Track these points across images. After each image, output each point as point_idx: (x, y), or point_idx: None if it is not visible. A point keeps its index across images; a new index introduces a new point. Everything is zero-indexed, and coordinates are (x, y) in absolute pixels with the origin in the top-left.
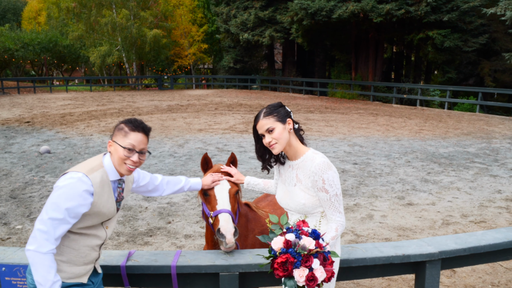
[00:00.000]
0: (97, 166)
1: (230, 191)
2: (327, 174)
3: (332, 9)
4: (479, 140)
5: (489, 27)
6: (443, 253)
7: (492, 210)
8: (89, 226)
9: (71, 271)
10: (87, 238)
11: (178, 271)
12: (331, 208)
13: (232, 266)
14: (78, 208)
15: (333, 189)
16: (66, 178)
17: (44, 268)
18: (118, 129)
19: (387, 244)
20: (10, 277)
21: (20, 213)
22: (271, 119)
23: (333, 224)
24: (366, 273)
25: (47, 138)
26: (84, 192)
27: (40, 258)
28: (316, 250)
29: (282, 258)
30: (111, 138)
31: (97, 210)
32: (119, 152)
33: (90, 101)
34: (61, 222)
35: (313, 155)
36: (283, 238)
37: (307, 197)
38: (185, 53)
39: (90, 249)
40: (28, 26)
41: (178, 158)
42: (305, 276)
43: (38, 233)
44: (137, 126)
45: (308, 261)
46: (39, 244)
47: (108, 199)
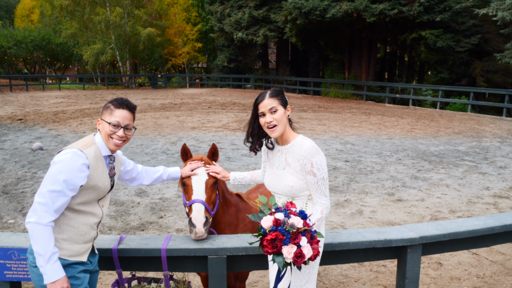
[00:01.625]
0: (90, 143)
1: (207, 181)
2: (316, 158)
3: (325, 8)
4: (470, 139)
5: (481, 28)
6: (423, 238)
7: (480, 206)
8: (86, 202)
9: (72, 248)
10: (85, 216)
11: (168, 254)
12: (318, 191)
13: (220, 250)
14: (75, 179)
15: (321, 173)
16: (62, 154)
17: (44, 239)
18: (105, 107)
19: (370, 230)
20: (5, 260)
21: (12, 208)
22: (276, 101)
23: (318, 207)
24: (349, 257)
25: (39, 135)
26: (81, 165)
27: (40, 229)
28: (304, 228)
29: (271, 235)
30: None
31: (93, 184)
32: (105, 128)
33: (83, 99)
34: (59, 194)
35: (303, 140)
36: (272, 217)
37: (295, 180)
38: (179, 52)
39: (89, 228)
40: (21, 24)
41: (171, 155)
42: (293, 253)
43: (37, 206)
44: (121, 103)
45: (297, 239)
46: (39, 216)
47: (103, 173)
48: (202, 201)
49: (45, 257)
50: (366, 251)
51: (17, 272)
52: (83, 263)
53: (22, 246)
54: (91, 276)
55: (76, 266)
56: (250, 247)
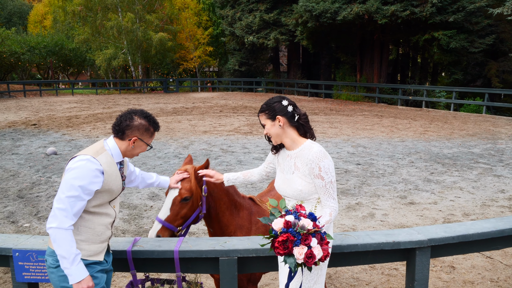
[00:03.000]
0: (101, 150)
1: (175, 199)
2: (323, 162)
3: (336, 11)
4: (485, 141)
5: (496, 28)
6: (432, 240)
7: (494, 209)
8: (100, 204)
9: (90, 249)
10: (101, 217)
11: (181, 256)
12: (326, 194)
13: (231, 251)
14: (91, 185)
15: (328, 176)
16: (76, 161)
17: (67, 243)
18: (145, 129)
19: (378, 232)
20: (23, 262)
21: (27, 212)
22: (263, 116)
23: (327, 210)
24: (358, 259)
25: (53, 140)
26: (95, 170)
27: (62, 234)
28: (314, 230)
29: (283, 237)
30: (134, 134)
31: (108, 188)
32: (142, 147)
33: (95, 104)
34: (77, 199)
35: (311, 145)
36: (283, 219)
37: (304, 183)
38: (191, 56)
39: (104, 228)
40: (34, 30)
41: (183, 159)
42: (304, 254)
43: (57, 212)
44: (157, 126)
45: (307, 240)
46: (60, 221)
47: (116, 177)
48: (161, 220)
49: (69, 259)
50: (374, 253)
51: (35, 274)
52: (100, 263)
53: (40, 248)
54: (107, 275)
55: (94, 266)
56: (260, 249)
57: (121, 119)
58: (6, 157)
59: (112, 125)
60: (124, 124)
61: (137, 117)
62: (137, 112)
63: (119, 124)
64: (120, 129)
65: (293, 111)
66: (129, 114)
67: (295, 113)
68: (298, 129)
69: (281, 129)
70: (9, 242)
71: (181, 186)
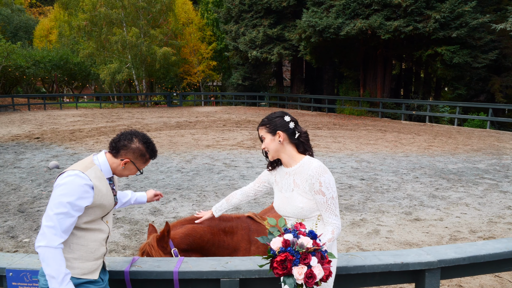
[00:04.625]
0: (90, 164)
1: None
2: (324, 177)
3: (340, 26)
4: (490, 156)
5: (499, 43)
6: (442, 261)
7: (501, 226)
8: (92, 220)
9: (83, 266)
10: (93, 233)
11: (180, 277)
12: (328, 211)
13: (233, 272)
14: (79, 201)
15: (330, 192)
16: (64, 177)
17: (56, 262)
18: (141, 154)
19: (386, 253)
20: (17, 282)
21: (27, 226)
22: (263, 129)
23: (329, 227)
24: (365, 281)
25: (56, 154)
26: (85, 186)
27: (51, 252)
28: (314, 248)
29: (281, 256)
30: (128, 156)
31: (99, 203)
32: (132, 170)
33: (99, 118)
34: (66, 215)
35: (310, 160)
36: (281, 238)
37: (304, 201)
38: (194, 71)
39: (98, 244)
40: (40, 44)
41: (186, 173)
42: (304, 273)
43: (46, 229)
44: (155, 154)
45: (307, 259)
46: (49, 239)
47: (107, 191)
48: None
49: (58, 279)
50: (382, 274)
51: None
52: (95, 282)
53: (34, 268)
54: None
55: (88, 285)
56: (263, 270)
57: (120, 137)
58: (8, 171)
59: (111, 140)
60: (122, 143)
61: (137, 140)
62: (139, 135)
63: (117, 142)
64: (116, 146)
65: (295, 128)
66: (130, 135)
67: (296, 130)
68: (298, 147)
69: (280, 145)
70: (3, 262)
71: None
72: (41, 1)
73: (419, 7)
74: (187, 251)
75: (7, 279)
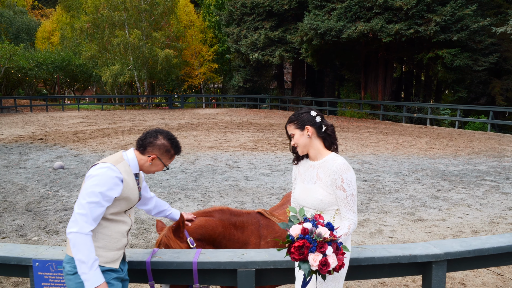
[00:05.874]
0: (120, 159)
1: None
2: (347, 174)
3: (341, 29)
4: (490, 158)
5: (499, 46)
6: (448, 254)
7: (503, 227)
8: (117, 212)
9: (106, 255)
10: (117, 224)
11: (199, 267)
12: (346, 207)
13: (249, 263)
14: (110, 192)
15: (350, 189)
16: (97, 168)
17: (87, 247)
18: (166, 150)
19: (394, 246)
20: (43, 272)
21: (36, 225)
22: (291, 126)
23: (346, 222)
24: (375, 272)
25: (60, 155)
26: (115, 178)
27: (82, 238)
28: (330, 239)
29: (299, 242)
30: (154, 153)
31: (126, 196)
32: (159, 166)
33: (101, 119)
34: (97, 205)
35: (335, 157)
36: (301, 226)
37: (325, 194)
38: (196, 73)
39: (121, 235)
40: (42, 46)
41: (189, 174)
42: (319, 261)
43: (78, 217)
44: (180, 150)
45: (323, 247)
46: (80, 226)
47: (134, 186)
48: None
49: (88, 264)
50: (391, 266)
51: (54, 284)
52: (115, 271)
53: (59, 258)
54: (122, 284)
55: (110, 273)
56: (278, 261)
57: (146, 135)
58: (13, 171)
59: (138, 138)
60: (148, 140)
61: (162, 137)
62: (163, 132)
63: (144, 139)
64: (143, 144)
65: (321, 122)
66: (155, 132)
67: (323, 124)
68: (324, 140)
69: (309, 139)
70: (28, 252)
71: None
72: (43, 3)
73: (420, 10)
74: (200, 241)
75: (33, 268)
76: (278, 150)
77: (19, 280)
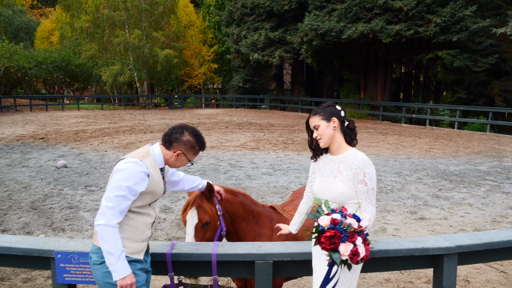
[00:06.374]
0: (146, 154)
1: (197, 225)
2: (368, 168)
3: (341, 29)
4: (490, 158)
5: (498, 48)
6: (459, 247)
7: (505, 225)
8: (142, 205)
9: (132, 246)
10: (142, 216)
11: (218, 259)
12: (367, 200)
13: (267, 255)
14: (136, 186)
15: (371, 183)
16: (124, 162)
17: (114, 239)
18: (191, 146)
19: (407, 239)
20: (65, 263)
21: (42, 223)
22: (316, 117)
23: (366, 215)
24: (387, 265)
25: (62, 154)
26: (142, 173)
27: (110, 230)
28: (359, 229)
29: (330, 232)
30: (180, 148)
31: (151, 190)
32: (184, 162)
33: (101, 119)
34: (124, 198)
35: (356, 152)
36: (329, 217)
37: (345, 187)
38: (195, 73)
39: (145, 227)
40: (41, 46)
41: (192, 173)
42: (350, 251)
43: (106, 209)
44: (204, 146)
45: (353, 238)
46: (108, 218)
47: (159, 180)
48: None
49: (116, 255)
50: (403, 259)
51: (75, 275)
52: (140, 261)
53: (81, 250)
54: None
55: (135, 263)
56: (295, 253)
57: (172, 131)
58: (17, 170)
59: (164, 133)
60: (174, 136)
61: (187, 133)
62: (189, 128)
63: (170, 135)
64: (169, 139)
65: (344, 116)
66: (181, 128)
67: (345, 118)
68: (346, 135)
69: (334, 131)
70: (50, 245)
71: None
72: (42, 3)
73: (420, 11)
74: (223, 214)
75: (55, 260)
76: (280, 150)
77: (28, 276)
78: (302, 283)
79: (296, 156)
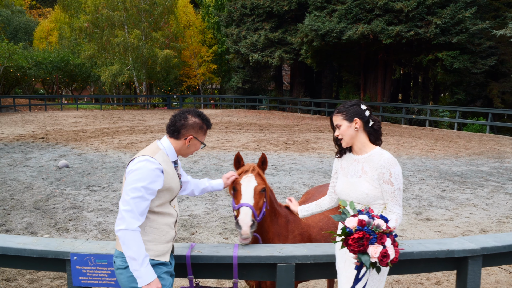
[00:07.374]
0: (156, 149)
1: (256, 188)
2: (394, 168)
3: (342, 30)
4: (492, 159)
5: (497, 49)
6: (484, 249)
7: (510, 226)
8: (162, 203)
9: (156, 249)
10: (163, 216)
11: (239, 261)
12: (393, 201)
13: (289, 257)
14: (152, 184)
15: (398, 183)
16: (136, 162)
17: (136, 244)
18: (200, 127)
19: (430, 241)
20: (81, 265)
21: (45, 223)
22: (339, 117)
23: (393, 216)
24: (411, 268)
25: (63, 154)
26: (156, 170)
27: (131, 235)
28: (388, 230)
29: (358, 234)
30: (190, 133)
31: (168, 186)
32: (196, 145)
33: (101, 119)
34: (141, 199)
35: (381, 151)
36: (356, 218)
37: (370, 188)
38: (194, 73)
39: (168, 227)
40: (40, 46)
41: (195, 173)
42: (379, 252)
43: (124, 213)
44: (210, 125)
45: (383, 239)
46: (128, 222)
47: (174, 174)
48: (250, 205)
49: (139, 261)
50: (427, 261)
51: (92, 278)
52: (165, 264)
53: (98, 252)
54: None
55: (160, 266)
56: (318, 256)
57: (175, 119)
58: (18, 169)
59: (167, 126)
60: (179, 123)
61: (191, 116)
62: (190, 111)
63: (174, 124)
64: (175, 128)
65: (369, 116)
66: (183, 113)
67: (370, 118)
68: (370, 135)
69: (356, 132)
70: (65, 246)
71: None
72: (41, 3)
73: (421, 13)
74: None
75: (71, 262)
76: (281, 151)
77: (34, 277)
78: (312, 284)
79: (298, 156)
